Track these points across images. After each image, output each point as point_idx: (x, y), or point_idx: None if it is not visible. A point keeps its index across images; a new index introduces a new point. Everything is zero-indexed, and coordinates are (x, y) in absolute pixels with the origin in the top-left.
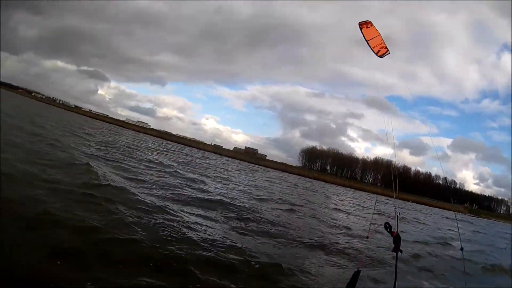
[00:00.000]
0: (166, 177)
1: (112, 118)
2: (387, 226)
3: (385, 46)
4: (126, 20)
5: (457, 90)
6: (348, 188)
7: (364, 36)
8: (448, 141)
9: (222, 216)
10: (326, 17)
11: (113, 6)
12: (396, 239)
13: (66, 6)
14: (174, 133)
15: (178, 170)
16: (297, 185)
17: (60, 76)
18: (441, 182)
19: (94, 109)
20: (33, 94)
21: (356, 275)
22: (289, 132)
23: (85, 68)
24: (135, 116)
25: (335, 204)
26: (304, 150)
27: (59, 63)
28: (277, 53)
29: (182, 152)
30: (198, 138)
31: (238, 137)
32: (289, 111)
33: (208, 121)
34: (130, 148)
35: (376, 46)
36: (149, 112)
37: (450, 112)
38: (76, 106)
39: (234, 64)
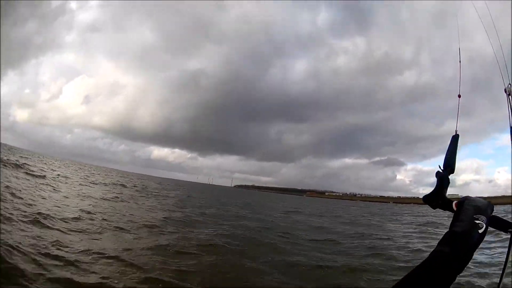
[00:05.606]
0: None
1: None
2: None
3: None
4: (401, 102)
5: None
6: None
7: None
8: None
9: None
10: None
11: (383, 94)
12: None
13: (333, 110)
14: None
15: None
16: None
17: (352, 172)
18: None
19: (396, 194)
20: (326, 193)
21: None
22: None
23: (377, 159)
24: None
25: None
26: None
27: (347, 160)
28: None
29: None
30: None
31: None
32: None
33: (500, 174)
34: None
35: None
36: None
37: None
38: (380, 196)
39: None
